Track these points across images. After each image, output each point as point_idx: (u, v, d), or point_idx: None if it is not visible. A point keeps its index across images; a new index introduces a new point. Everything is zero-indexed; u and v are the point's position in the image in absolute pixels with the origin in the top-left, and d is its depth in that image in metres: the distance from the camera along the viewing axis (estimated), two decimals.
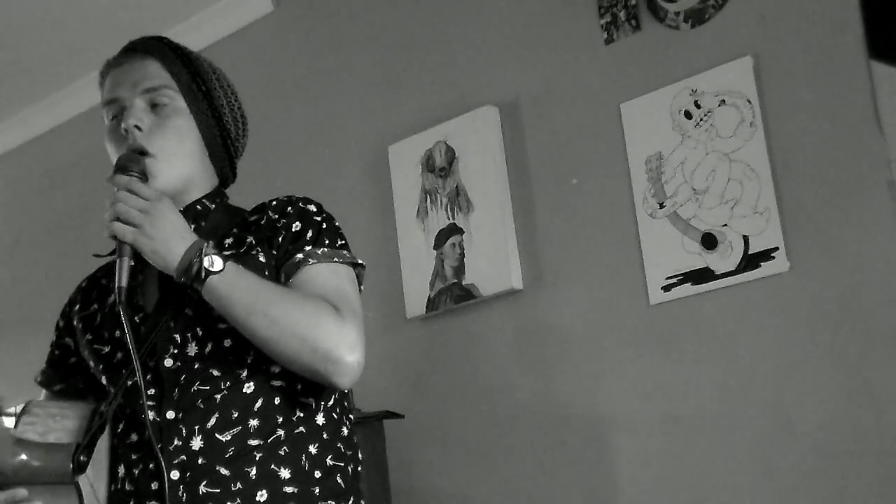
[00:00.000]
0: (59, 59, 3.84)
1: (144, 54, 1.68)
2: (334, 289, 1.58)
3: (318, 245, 1.61)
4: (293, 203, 1.67)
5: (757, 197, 2.41)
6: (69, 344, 1.78)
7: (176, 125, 1.64)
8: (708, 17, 2.54)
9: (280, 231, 1.62)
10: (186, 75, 1.68)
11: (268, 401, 1.56)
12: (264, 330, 1.50)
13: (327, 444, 1.60)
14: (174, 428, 1.54)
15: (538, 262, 2.77)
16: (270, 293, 1.52)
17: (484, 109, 2.88)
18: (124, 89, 1.65)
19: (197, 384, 1.56)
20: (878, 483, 2.22)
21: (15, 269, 4.34)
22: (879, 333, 2.25)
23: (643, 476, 2.55)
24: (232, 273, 1.50)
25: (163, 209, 1.53)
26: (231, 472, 1.52)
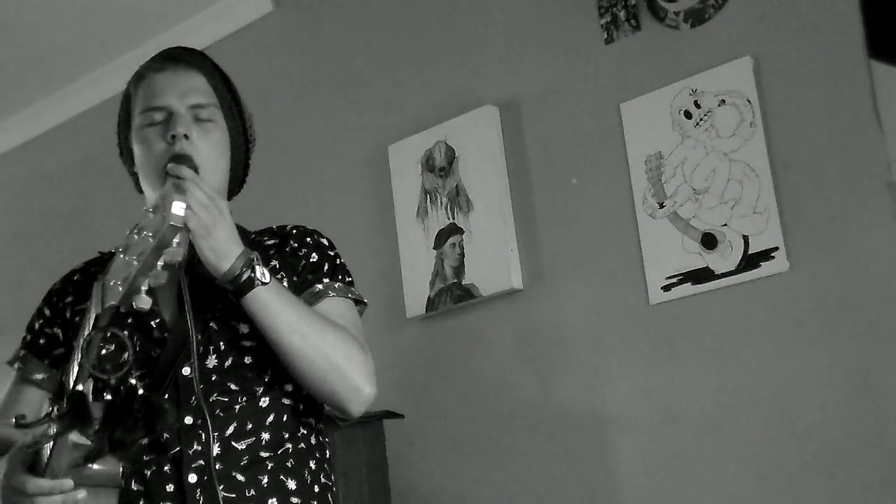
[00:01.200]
0: (59, 58, 3.84)
1: (189, 66, 1.70)
2: (352, 322, 1.67)
3: (334, 279, 1.69)
4: (310, 234, 1.74)
5: (757, 197, 2.41)
6: (57, 334, 1.78)
7: (217, 141, 1.68)
8: (708, 17, 2.54)
9: (300, 259, 1.70)
10: (227, 94, 1.72)
11: (279, 416, 1.62)
12: (299, 347, 1.56)
13: (320, 463, 1.67)
14: (193, 433, 1.57)
15: (538, 262, 2.77)
16: (307, 313, 1.59)
17: (484, 109, 2.88)
18: (172, 97, 1.66)
19: (215, 395, 1.60)
20: (878, 483, 2.22)
21: (15, 268, 4.34)
22: (879, 333, 2.25)
23: (643, 475, 2.55)
24: (275, 288, 1.56)
25: (224, 209, 1.56)
26: (246, 479, 1.57)
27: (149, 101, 1.67)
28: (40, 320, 1.82)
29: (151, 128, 1.66)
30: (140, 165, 1.69)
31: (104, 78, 3.99)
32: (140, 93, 1.69)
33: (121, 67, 3.92)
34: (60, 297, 1.81)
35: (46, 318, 1.81)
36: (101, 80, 3.99)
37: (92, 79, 4.00)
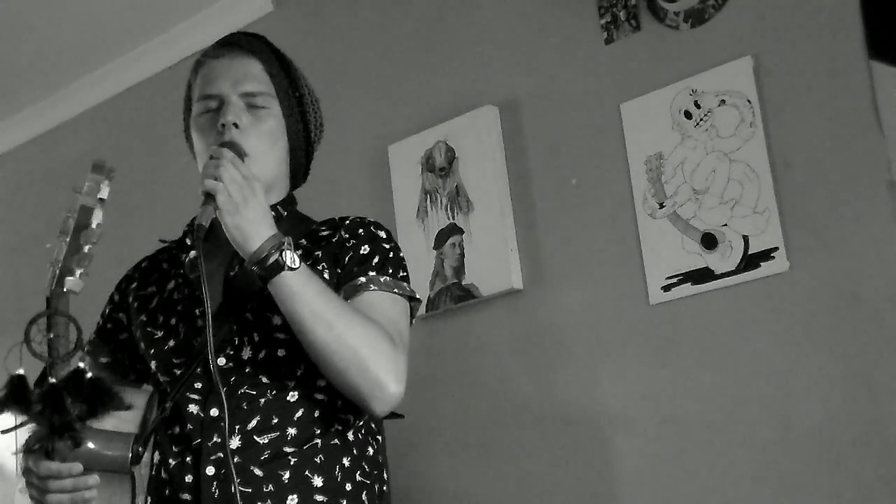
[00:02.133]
0: (59, 58, 3.84)
1: (246, 52, 1.68)
2: (390, 319, 1.61)
3: (382, 272, 1.64)
4: (365, 225, 1.69)
5: (757, 197, 2.41)
6: (121, 319, 1.79)
7: (270, 129, 1.66)
8: (708, 17, 2.54)
9: (348, 251, 1.65)
10: (285, 80, 1.69)
11: (308, 412, 1.59)
12: (323, 337, 1.52)
13: (356, 460, 1.62)
14: (215, 425, 1.56)
15: (538, 262, 2.77)
16: (337, 304, 1.54)
17: (484, 109, 2.88)
18: (225, 85, 1.65)
19: (245, 388, 1.58)
20: (878, 483, 2.22)
21: (15, 268, 4.34)
22: (879, 333, 2.25)
23: (643, 475, 2.55)
24: (305, 274, 1.52)
25: (258, 190, 1.53)
26: (265, 474, 1.55)
27: (204, 88, 1.67)
28: (110, 305, 1.84)
29: (205, 116, 1.66)
30: (196, 153, 1.71)
31: (104, 78, 3.99)
32: (198, 80, 1.70)
33: (121, 67, 3.92)
34: (128, 283, 1.82)
35: (115, 304, 1.82)
36: (101, 79, 4.00)
37: (92, 79, 4.00)
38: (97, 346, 1.82)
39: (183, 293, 1.68)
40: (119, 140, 4.00)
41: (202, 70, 1.70)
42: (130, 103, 3.95)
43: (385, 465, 1.72)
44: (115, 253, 4.02)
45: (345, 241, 1.66)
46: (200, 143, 1.68)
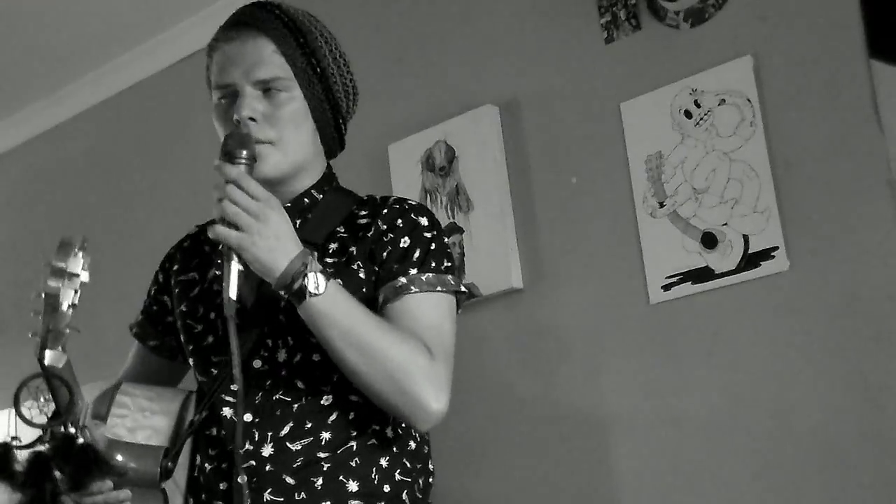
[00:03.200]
0: (59, 58, 3.84)
1: (257, 31, 1.58)
2: (432, 325, 1.54)
3: (423, 269, 1.57)
4: (405, 213, 1.62)
5: (757, 196, 2.41)
6: (166, 302, 1.75)
7: (291, 113, 1.59)
8: (708, 17, 2.54)
9: (386, 245, 1.58)
10: (301, 57, 1.60)
11: (342, 414, 1.55)
12: (355, 361, 1.47)
13: (396, 458, 1.58)
14: (248, 431, 1.53)
15: (538, 262, 2.77)
16: (367, 325, 1.48)
17: (484, 108, 2.88)
18: (236, 74, 1.57)
19: (280, 392, 1.54)
20: (878, 482, 2.23)
21: (15, 267, 4.34)
22: (880, 333, 2.25)
23: (643, 475, 2.55)
24: (332, 295, 1.45)
25: (271, 214, 1.44)
26: (297, 482, 1.51)
27: (218, 77, 1.60)
28: (154, 286, 1.79)
29: (222, 105, 1.60)
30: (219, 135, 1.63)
31: (104, 77, 3.99)
32: (213, 66, 1.62)
33: (120, 66, 3.92)
34: (171, 263, 1.76)
35: (160, 285, 1.77)
36: (101, 79, 3.99)
37: (92, 78, 4.00)
38: (144, 327, 1.78)
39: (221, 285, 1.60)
40: (120, 138, 4.00)
41: (215, 55, 1.61)
42: (132, 102, 3.95)
43: (430, 456, 1.67)
44: (117, 252, 4.03)
45: (382, 233, 1.59)
46: (218, 132, 1.62)
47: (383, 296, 1.56)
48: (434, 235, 1.61)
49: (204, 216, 1.73)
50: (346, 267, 1.57)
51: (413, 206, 1.65)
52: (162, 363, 1.79)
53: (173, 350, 1.76)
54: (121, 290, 3.91)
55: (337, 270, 1.56)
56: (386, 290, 1.56)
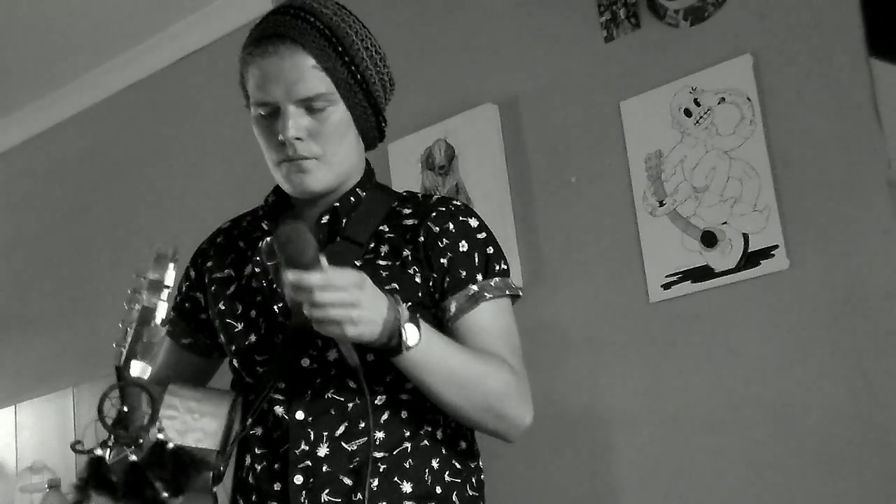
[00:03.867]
0: (59, 56, 3.84)
1: (294, 45, 1.53)
2: (506, 332, 1.60)
3: (489, 274, 1.58)
4: (453, 216, 1.61)
5: (757, 195, 2.41)
6: (199, 299, 1.72)
7: (335, 126, 1.56)
8: (708, 15, 2.54)
9: (444, 251, 1.57)
10: (342, 68, 1.56)
11: (395, 413, 1.54)
12: (454, 399, 1.50)
13: (446, 459, 1.59)
14: (302, 431, 1.52)
15: (538, 260, 2.77)
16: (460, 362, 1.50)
17: (484, 107, 2.88)
18: (278, 92, 1.53)
19: (331, 391, 1.53)
20: (878, 480, 2.23)
21: (16, 266, 4.34)
22: (879, 331, 2.25)
23: (643, 473, 2.55)
24: (426, 342, 1.45)
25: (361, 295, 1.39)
26: (354, 483, 1.50)
27: (257, 94, 1.56)
28: (186, 282, 1.76)
29: (265, 120, 1.57)
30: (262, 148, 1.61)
31: (102, 76, 3.99)
32: (250, 79, 1.58)
33: (121, 65, 3.92)
34: (204, 259, 1.73)
35: (192, 281, 1.74)
36: (100, 78, 4.00)
37: (91, 77, 4.00)
38: (177, 324, 1.75)
39: (260, 283, 1.61)
40: (119, 138, 4.00)
41: (251, 68, 1.57)
42: (131, 101, 3.95)
43: (479, 453, 1.69)
44: (116, 251, 4.03)
45: (436, 238, 1.58)
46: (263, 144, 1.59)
47: (456, 304, 1.56)
48: (487, 237, 1.62)
49: (204, 215, 1.74)
50: (402, 272, 1.56)
51: (459, 207, 1.64)
52: (194, 360, 1.77)
53: (207, 348, 1.75)
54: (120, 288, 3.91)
55: (392, 274, 1.56)
56: (459, 300, 1.56)
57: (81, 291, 4.00)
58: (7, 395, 4.23)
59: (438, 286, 1.57)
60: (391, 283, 1.54)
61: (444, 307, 1.57)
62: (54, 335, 4.07)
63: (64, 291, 4.09)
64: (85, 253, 4.04)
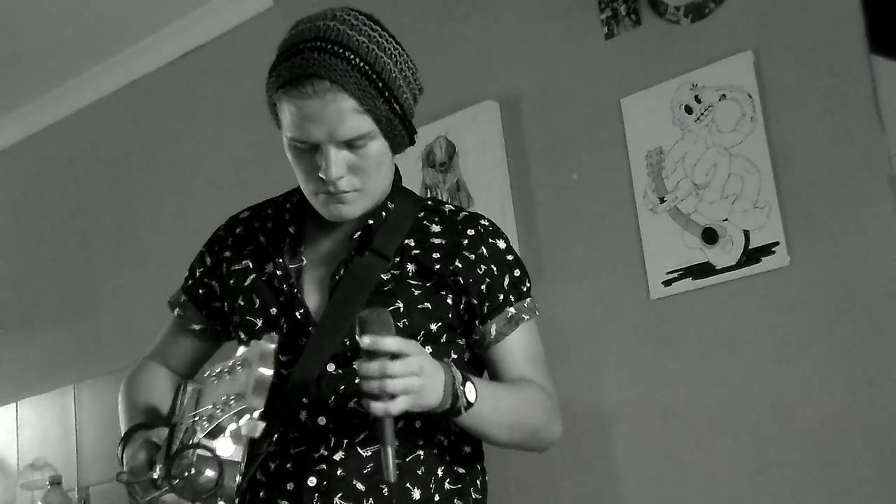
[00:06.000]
0: (60, 53, 3.84)
1: (333, 86, 1.49)
2: (540, 353, 1.67)
3: (521, 296, 1.65)
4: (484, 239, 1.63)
5: (757, 192, 2.41)
6: (214, 287, 1.72)
7: (376, 159, 1.56)
8: (708, 12, 2.53)
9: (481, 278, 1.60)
10: (383, 105, 1.53)
11: (409, 422, 1.55)
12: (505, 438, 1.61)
13: (450, 466, 1.62)
14: (323, 435, 1.54)
15: (539, 257, 2.77)
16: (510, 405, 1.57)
17: (484, 104, 2.88)
18: (320, 134, 1.51)
19: (355, 400, 1.53)
20: (877, 477, 2.23)
21: (17, 263, 4.34)
22: (880, 328, 2.26)
23: (643, 470, 2.55)
24: (482, 398, 1.50)
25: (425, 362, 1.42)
26: (366, 488, 1.53)
27: (296, 132, 1.53)
28: (201, 268, 1.75)
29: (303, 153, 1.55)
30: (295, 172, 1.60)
31: (105, 73, 3.99)
32: (285, 114, 1.54)
33: (122, 62, 3.92)
34: (222, 247, 1.72)
35: (207, 268, 1.73)
36: (102, 75, 3.99)
37: (92, 74, 4.00)
38: (188, 309, 1.75)
39: (282, 285, 1.61)
40: (121, 135, 4.00)
41: (288, 107, 1.53)
42: (132, 98, 3.95)
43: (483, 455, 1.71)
44: (117, 249, 4.02)
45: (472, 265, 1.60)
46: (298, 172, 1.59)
47: (496, 328, 1.61)
48: (515, 258, 1.67)
49: (205, 212, 1.73)
50: (435, 292, 1.58)
51: (488, 229, 1.66)
52: (200, 345, 1.78)
53: (217, 334, 1.75)
54: (121, 285, 3.91)
55: (424, 294, 1.58)
56: (498, 323, 1.61)
57: (82, 289, 4.01)
58: (8, 393, 4.23)
59: (478, 311, 1.61)
60: (424, 303, 1.57)
61: (485, 331, 1.62)
62: (56, 332, 4.07)
63: (65, 289, 4.10)
64: (86, 250, 4.04)
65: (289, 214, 1.69)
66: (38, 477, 3.79)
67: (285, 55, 1.54)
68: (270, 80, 1.57)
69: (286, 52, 1.55)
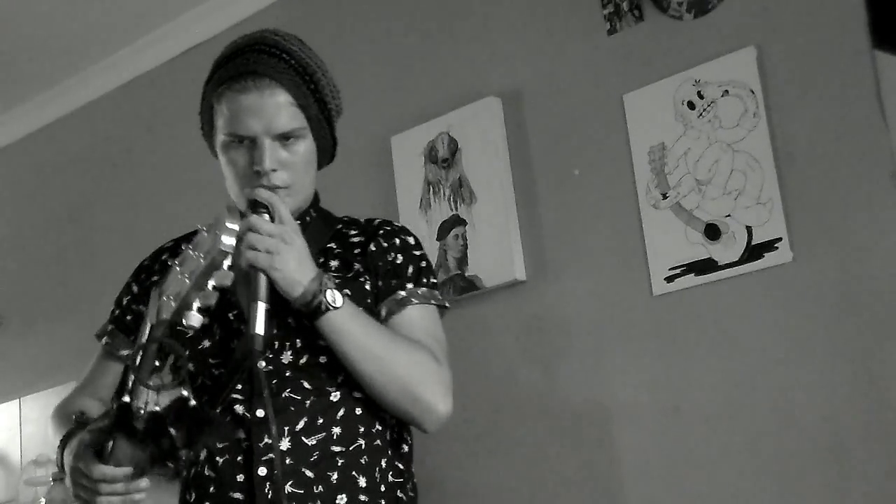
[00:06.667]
0: (63, 49, 3.84)
1: (271, 81, 1.65)
2: (431, 333, 1.70)
3: (418, 283, 1.71)
4: (396, 233, 1.75)
5: (760, 187, 2.41)
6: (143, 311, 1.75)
7: (305, 158, 1.69)
8: (711, 8, 2.53)
9: (386, 263, 1.71)
10: (314, 105, 1.69)
11: (350, 410, 1.64)
12: (370, 371, 1.59)
13: (391, 461, 1.68)
14: (263, 426, 1.59)
15: (541, 253, 2.77)
16: (381, 336, 1.61)
17: (487, 100, 2.88)
18: (256, 127, 1.64)
19: (287, 391, 1.62)
20: (881, 474, 2.23)
21: (19, 260, 4.34)
22: (883, 323, 2.25)
23: (646, 466, 2.55)
24: (349, 312, 1.58)
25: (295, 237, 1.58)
26: (315, 475, 1.59)
27: (233, 126, 1.66)
28: (128, 296, 1.84)
29: (237, 148, 1.67)
30: (225, 175, 1.72)
31: (105, 70, 3.99)
32: (224, 111, 1.68)
33: (124, 59, 3.92)
34: (148, 274, 1.82)
35: (133, 295, 1.83)
36: (103, 72, 3.99)
37: (93, 71, 4.00)
38: (116, 336, 1.83)
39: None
40: (122, 132, 4.00)
41: (226, 102, 1.67)
42: (134, 95, 3.95)
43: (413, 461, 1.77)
44: (119, 245, 4.02)
45: (384, 250, 1.71)
46: (230, 171, 1.70)
47: (386, 308, 1.68)
48: (422, 255, 1.76)
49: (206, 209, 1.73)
50: (353, 280, 1.68)
51: (401, 227, 1.79)
52: None
53: None
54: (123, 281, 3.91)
55: (344, 282, 1.67)
56: (388, 304, 1.68)
57: (85, 285, 4.00)
58: (11, 389, 4.23)
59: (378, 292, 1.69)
60: (344, 290, 1.64)
61: (378, 311, 1.68)
62: (58, 329, 4.07)
63: (67, 285, 4.10)
64: (88, 247, 4.04)
65: None
66: (42, 473, 3.79)
67: (225, 59, 1.68)
68: (209, 86, 1.70)
69: (227, 56, 1.69)
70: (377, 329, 1.62)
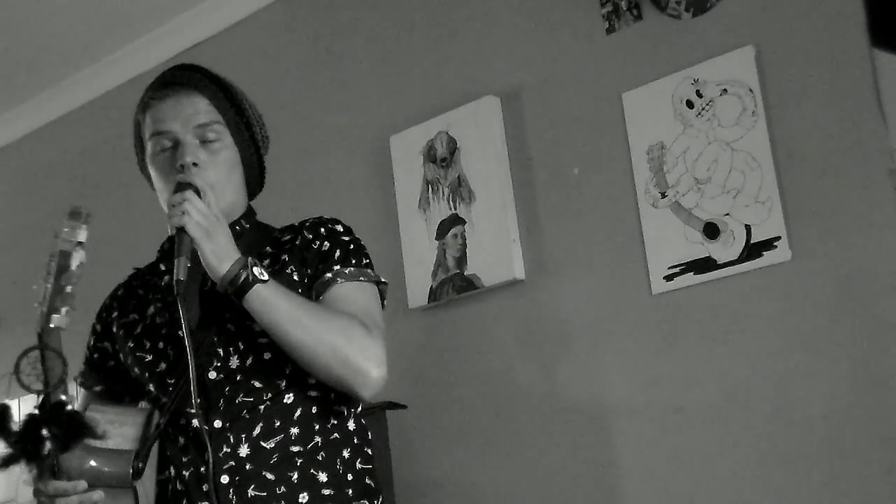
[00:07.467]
0: (61, 50, 3.84)
1: (191, 89, 1.75)
2: (362, 306, 1.70)
3: (345, 264, 1.73)
4: (324, 224, 1.78)
5: (759, 186, 2.41)
6: (107, 348, 1.87)
7: (225, 159, 1.75)
8: (710, 6, 2.53)
9: (312, 251, 1.74)
10: (230, 109, 1.77)
11: (306, 410, 1.68)
12: (300, 339, 1.61)
13: (357, 449, 1.72)
14: (222, 436, 1.65)
15: (540, 252, 2.77)
16: (308, 305, 1.65)
17: (486, 99, 2.88)
18: (176, 123, 1.73)
19: (241, 396, 1.67)
20: (880, 471, 2.23)
21: (18, 259, 4.34)
22: (881, 322, 2.25)
23: (646, 465, 2.55)
24: (274, 285, 1.61)
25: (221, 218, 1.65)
26: (276, 477, 1.64)
27: (155, 127, 1.75)
28: (93, 336, 1.92)
29: (162, 155, 1.75)
30: (157, 189, 1.80)
31: (104, 70, 3.99)
32: (147, 120, 1.77)
33: (123, 58, 3.92)
34: (108, 312, 1.90)
35: (98, 334, 1.90)
36: (102, 72, 3.99)
37: (92, 71, 4.00)
38: (88, 376, 1.90)
39: (164, 317, 1.76)
40: (122, 131, 4.00)
41: (150, 112, 1.77)
42: (134, 95, 3.93)
43: None
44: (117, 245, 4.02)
45: (309, 241, 1.75)
46: (161, 181, 1.77)
47: (315, 291, 1.71)
48: (351, 239, 1.78)
49: None
50: (280, 273, 1.71)
51: (330, 219, 1.82)
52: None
53: (118, 393, 1.87)
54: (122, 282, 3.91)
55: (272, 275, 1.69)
56: (317, 286, 1.71)
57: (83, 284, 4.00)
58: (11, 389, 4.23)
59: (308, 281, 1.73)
60: None
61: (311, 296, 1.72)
62: None
63: None
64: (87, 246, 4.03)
65: (158, 256, 1.87)
66: None
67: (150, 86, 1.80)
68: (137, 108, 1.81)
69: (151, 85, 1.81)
70: (304, 301, 1.65)
